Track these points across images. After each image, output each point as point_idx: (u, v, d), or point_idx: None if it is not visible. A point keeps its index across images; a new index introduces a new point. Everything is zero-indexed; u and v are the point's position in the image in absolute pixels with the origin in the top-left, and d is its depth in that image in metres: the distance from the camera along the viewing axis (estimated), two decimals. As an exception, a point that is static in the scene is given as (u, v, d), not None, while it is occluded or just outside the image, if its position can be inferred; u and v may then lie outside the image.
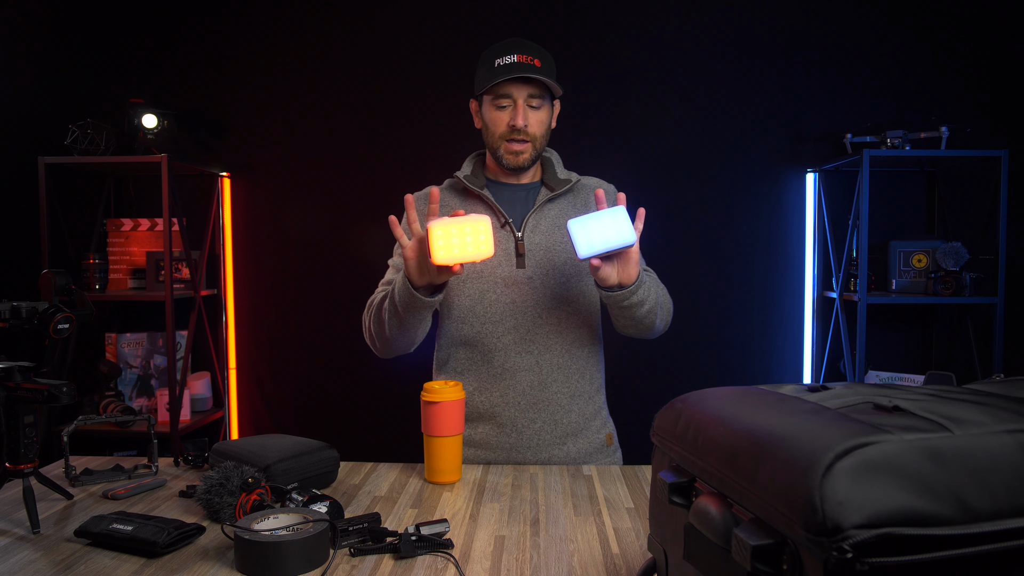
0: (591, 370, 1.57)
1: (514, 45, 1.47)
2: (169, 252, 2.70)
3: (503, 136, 1.49)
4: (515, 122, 1.46)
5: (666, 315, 1.51)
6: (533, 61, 1.45)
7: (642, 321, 1.44)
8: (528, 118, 1.47)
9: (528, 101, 1.47)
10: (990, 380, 0.70)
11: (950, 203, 2.93)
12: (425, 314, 1.44)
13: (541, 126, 1.50)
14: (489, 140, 1.53)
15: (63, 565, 0.99)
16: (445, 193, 1.59)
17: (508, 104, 1.47)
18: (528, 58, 1.45)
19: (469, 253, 1.24)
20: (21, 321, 1.18)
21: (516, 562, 1.00)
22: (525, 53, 1.45)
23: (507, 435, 1.52)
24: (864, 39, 2.90)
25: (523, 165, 1.51)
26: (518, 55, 1.45)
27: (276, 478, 1.20)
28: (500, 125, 1.49)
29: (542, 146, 1.53)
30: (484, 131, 1.54)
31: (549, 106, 1.51)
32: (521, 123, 1.46)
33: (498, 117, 1.49)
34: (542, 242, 1.52)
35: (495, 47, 1.49)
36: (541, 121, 1.49)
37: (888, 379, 2.81)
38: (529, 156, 1.51)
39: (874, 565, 0.47)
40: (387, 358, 1.54)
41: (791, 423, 0.58)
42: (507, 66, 1.44)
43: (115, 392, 2.91)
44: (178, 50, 3.02)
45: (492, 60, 1.47)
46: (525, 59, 1.45)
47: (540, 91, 1.47)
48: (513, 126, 1.47)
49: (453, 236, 1.23)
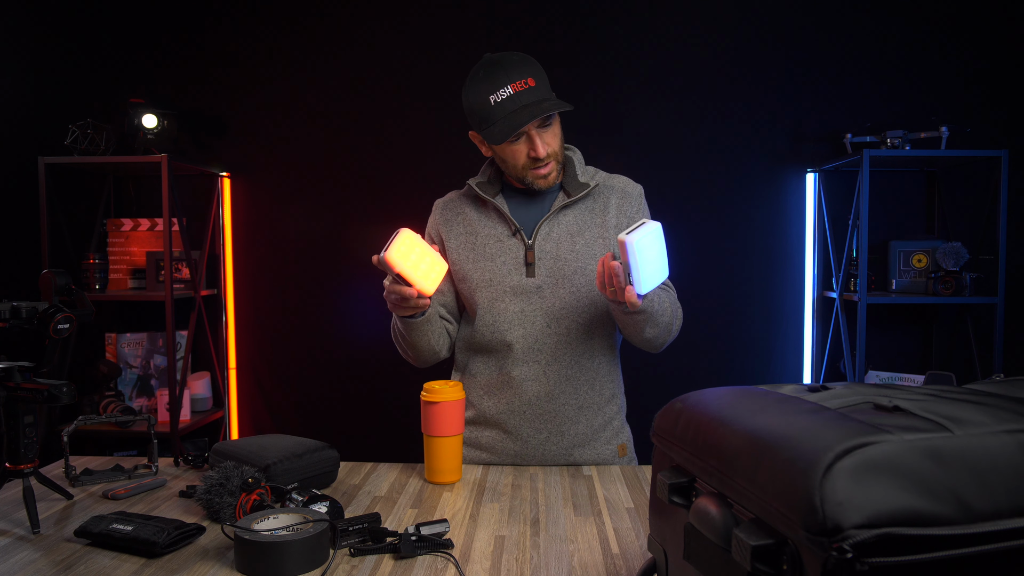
0: (601, 381, 1.53)
1: (499, 72, 1.38)
2: (169, 252, 2.70)
3: (526, 167, 1.45)
4: (536, 154, 1.42)
5: (673, 335, 1.49)
6: (528, 83, 1.37)
7: (648, 335, 1.42)
8: (546, 141, 1.43)
9: (541, 126, 1.41)
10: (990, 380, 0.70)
11: (950, 203, 2.93)
12: (424, 329, 1.46)
13: (557, 140, 1.46)
14: (511, 171, 1.48)
15: (63, 565, 0.99)
16: (459, 200, 1.58)
17: (520, 137, 1.42)
18: (523, 83, 1.37)
19: (414, 273, 1.30)
20: (21, 321, 1.18)
21: (516, 562, 1.00)
22: (517, 78, 1.37)
23: (512, 442, 1.52)
24: (864, 39, 2.90)
25: (554, 182, 1.49)
26: (511, 85, 1.37)
27: (276, 478, 1.20)
28: (520, 158, 1.44)
29: (562, 155, 1.50)
30: (502, 163, 1.49)
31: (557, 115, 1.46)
32: (543, 153, 1.41)
33: (515, 151, 1.43)
34: (553, 251, 1.49)
35: (478, 79, 1.41)
36: (556, 135, 1.45)
37: (888, 379, 2.81)
38: (556, 173, 1.48)
39: (874, 565, 0.47)
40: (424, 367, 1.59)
41: (791, 423, 0.58)
42: (504, 102, 1.37)
43: (115, 392, 2.91)
44: (178, 50, 3.02)
45: (484, 98, 1.39)
46: (521, 86, 1.37)
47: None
48: (535, 157, 1.42)
49: (415, 250, 1.30)
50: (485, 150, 1.53)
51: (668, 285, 1.54)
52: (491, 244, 1.51)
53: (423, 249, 1.31)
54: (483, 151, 1.54)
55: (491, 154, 1.52)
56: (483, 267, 1.51)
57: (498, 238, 1.51)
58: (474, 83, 1.42)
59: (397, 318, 1.46)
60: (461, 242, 1.54)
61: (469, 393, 1.56)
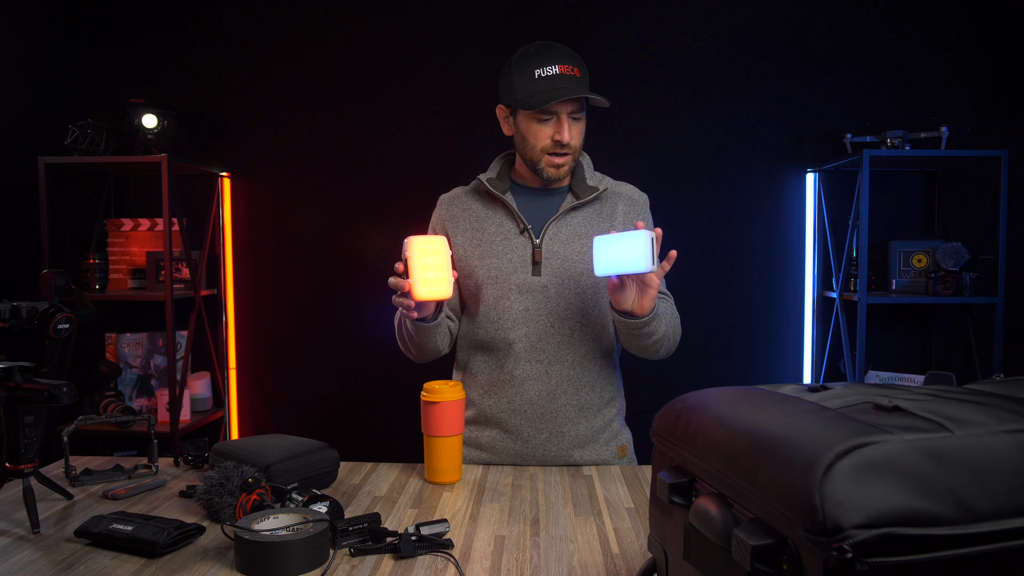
0: (602, 383, 1.54)
1: (551, 53, 1.41)
2: (169, 252, 2.70)
3: (545, 149, 1.45)
4: (560, 138, 1.42)
5: (672, 346, 1.50)
6: (574, 71, 1.40)
7: (646, 348, 1.45)
8: (573, 131, 1.44)
9: (572, 115, 1.43)
10: (990, 380, 0.70)
11: (950, 203, 2.93)
12: (433, 333, 1.46)
13: (580, 137, 1.46)
14: (527, 152, 1.48)
15: (63, 565, 0.99)
16: (468, 196, 1.58)
17: (550, 118, 1.43)
18: (570, 68, 1.40)
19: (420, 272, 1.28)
20: (21, 321, 1.18)
21: (516, 562, 1.00)
22: (567, 63, 1.40)
23: (513, 442, 1.52)
24: (864, 39, 2.90)
25: (563, 176, 1.49)
26: (559, 66, 1.39)
27: (276, 478, 1.20)
28: (542, 139, 1.44)
29: (579, 155, 1.51)
30: (521, 142, 1.49)
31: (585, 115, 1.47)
32: (567, 139, 1.42)
33: (540, 131, 1.44)
34: (560, 251, 1.49)
35: (529, 54, 1.43)
36: (581, 132, 1.46)
37: (888, 379, 2.81)
38: (569, 168, 1.49)
39: (874, 565, 0.47)
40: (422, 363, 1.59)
41: (791, 423, 0.58)
42: (550, 78, 1.39)
43: (115, 392, 2.91)
44: (178, 50, 3.02)
45: (531, 70, 1.41)
46: (568, 70, 1.40)
47: (582, 103, 1.44)
48: (559, 141, 1.43)
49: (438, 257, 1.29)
50: (507, 128, 1.52)
51: (666, 294, 1.54)
52: (498, 241, 1.51)
53: (444, 264, 1.29)
54: (505, 129, 1.53)
55: (512, 132, 1.51)
56: (489, 263, 1.51)
57: (505, 235, 1.51)
58: (523, 57, 1.44)
59: (407, 320, 1.45)
60: (467, 238, 1.54)
61: (470, 392, 1.56)
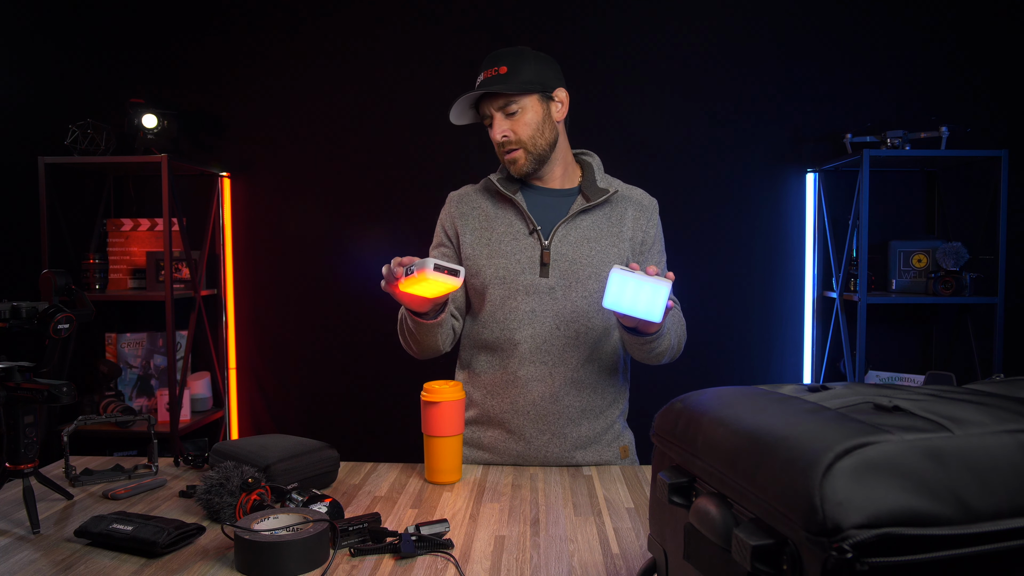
0: (605, 386, 1.54)
1: (485, 62, 1.49)
2: (169, 252, 2.70)
3: (499, 148, 1.51)
4: (493, 136, 1.50)
5: (677, 352, 1.52)
6: (499, 70, 1.45)
7: (651, 358, 1.47)
8: (505, 127, 1.47)
9: (504, 111, 1.47)
10: (990, 380, 0.70)
11: (950, 203, 2.93)
12: (435, 331, 1.47)
13: (527, 128, 1.47)
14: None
15: (63, 565, 0.99)
16: (478, 194, 1.59)
17: (489, 120, 1.50)
18: (493, 70, 1.46)
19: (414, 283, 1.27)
20: (21, 321, 1.18)
21: (516, 562, 1.00)
22: (492, 66, 1.47)
23: (515, 443, 1.52)
24: (864, 39, 2.90)
25: (524, 171, 1.50)
26: (484, 72, 1.47)
27: (276, 478, 1.20)
28: (494, 141, 1.51)
29: (542, 147, 1.49)
30: None
31: (537, 105, 1.47)
32: (499, 138, 1.48)
33: (490, 134, 1.51)
34: (568, 253, 1.49)
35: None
36: (525, 123, 1.47)
37: (888, 379, 2.81)
38: (525, 161, 1.49)
39: (874, 565, 0.47)
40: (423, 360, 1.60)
41: (791, 423, 0.58)
42: (479, 86, 1.47)
43: (115, 392, 2.91)
44: (178, 50, 3.02)
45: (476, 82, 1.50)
46: (491, 72, 1.46)
47: (511, 97, 1.45)
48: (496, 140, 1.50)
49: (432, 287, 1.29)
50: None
51: (673, 300, 1.54)
52: (507, 241, 1.51)
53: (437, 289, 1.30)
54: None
55: None
56: (497, 263, 1.51)
57: (514, 236, 1.51)
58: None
59: (408, 316, 1.45)
60: (476, 236, 1.54)
61: (472, 392, 1.56)
